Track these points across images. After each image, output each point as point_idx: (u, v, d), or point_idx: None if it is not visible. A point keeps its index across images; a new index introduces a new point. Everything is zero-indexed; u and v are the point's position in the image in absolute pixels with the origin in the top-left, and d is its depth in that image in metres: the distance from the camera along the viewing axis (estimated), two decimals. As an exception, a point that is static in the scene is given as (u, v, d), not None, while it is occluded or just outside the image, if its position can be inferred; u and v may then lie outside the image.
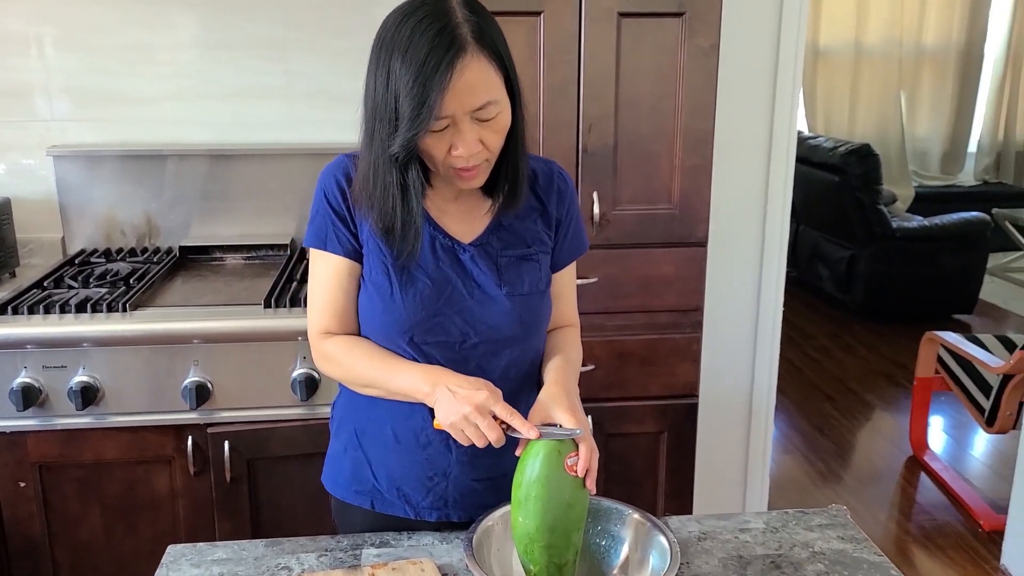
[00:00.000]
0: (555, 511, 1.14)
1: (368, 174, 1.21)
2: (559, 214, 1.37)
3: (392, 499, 1.37)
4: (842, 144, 5.21)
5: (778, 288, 2.58)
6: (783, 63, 2.45)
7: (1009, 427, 3.08)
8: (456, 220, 1.31)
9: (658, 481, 2.19)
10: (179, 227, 2.41)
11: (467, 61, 1.11)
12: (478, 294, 1.29)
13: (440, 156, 1.18)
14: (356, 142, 2.54)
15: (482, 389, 1.16)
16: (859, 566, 1.28)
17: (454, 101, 1.12)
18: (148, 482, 1.96)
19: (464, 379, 1.20)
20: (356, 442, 1.38)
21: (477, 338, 1.29)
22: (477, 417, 1.14)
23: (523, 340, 1.33)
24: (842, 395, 4.20)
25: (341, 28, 2.39)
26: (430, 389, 1.20)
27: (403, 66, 1.11)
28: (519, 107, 1.22)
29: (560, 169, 1.40)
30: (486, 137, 1.17)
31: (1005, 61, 6.80)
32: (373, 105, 1.17)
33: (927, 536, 3.01)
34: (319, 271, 1.32)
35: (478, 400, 1.14)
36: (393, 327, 1.27)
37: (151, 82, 2.38)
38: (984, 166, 7.02)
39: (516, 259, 1.32)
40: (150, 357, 1.88)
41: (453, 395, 1.16)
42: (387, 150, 1.16)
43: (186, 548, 1.32)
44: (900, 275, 5.12)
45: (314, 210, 1.31)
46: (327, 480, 1.45)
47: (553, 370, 1.32)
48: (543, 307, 1.35)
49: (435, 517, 1.35)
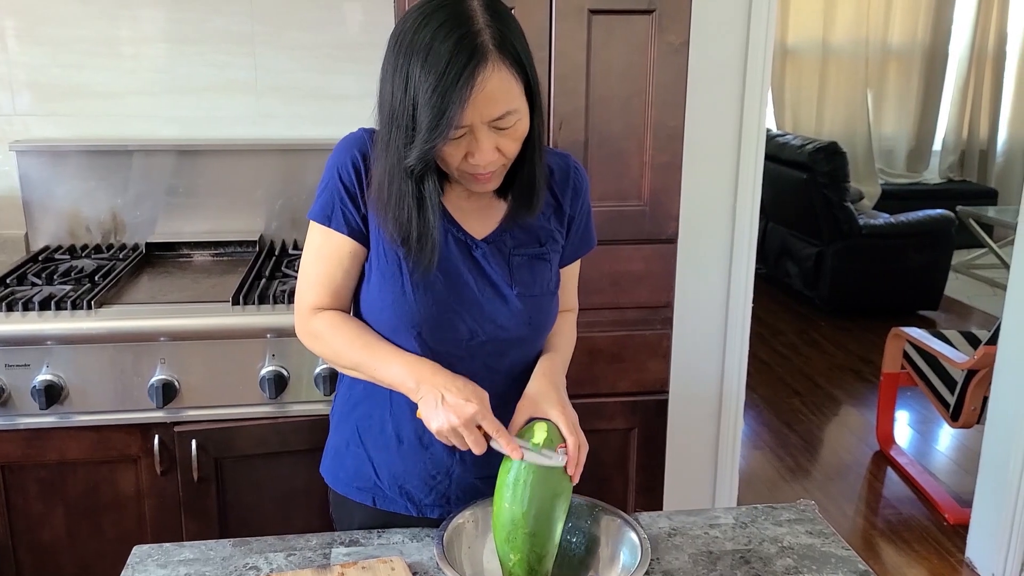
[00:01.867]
0: (543, 499, 1.14)
1: (384, 181, 1.18)
2: (572, 211, 1.36)
3: (394, 497, 1.36)
4: (810, 142, 5.27)
5: (748, 285, 2.60)
6: (752, 61, 2.46)
7: (973, 422, 3.13)
8: (471, 215, 1.29)
9: (628, 477, 2.20)
10: (145, 223, 2.38)
11: (488, 72, 1.08)
12: (489, 292, 1.27)
13: (455, 162, 1.16)
14: (326, 138, 2.53)
15: (471, 400, 1.14)
16: (827, 560, 1.29)
17: (473, 112, 1.09)
18: (113, 482, 1.93)
19: (452, 381, 1.17)
20: (358, 439, 1.37)
21: (485, 336, 1.28)
22: (464, 430, 1.13)
23: (531, 340, 1.33)
24: (810, 391, 4.25)
25: (310, 23, 2.37)
26: (415, 386, 1.19)
27: (422, 73, 1.08)
28: (538, 113, 1.19)
29: (576, 164, 1.38)
30: (503, 145, 1.15)
31: (969, 61, 6.91)
32: (390, 110, 1.13)
33: (893, 530, 3.05)
34: (318, 244, 1.28)
35: (467, 414, 1.13)
36: (402, 321, 1.25)
37: (117, 76, 2.34)
38: (949, 164, 7.12)
39: (528, 258, 1.30)
40: (116, 355, 1.86)
41: (441, 400, 1.14)
42: (403, 160, 1.13)
43: (152, 548, 1.30)
44: (867, 272, 5.18)
45: (323, 183, 1.27)
46: (327, 473, 1.44)
47: (543, 363, 1.32)
48: (552, 308, 1.34)
49: (437, 514, 1.34)
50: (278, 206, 2.41)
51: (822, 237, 5.22)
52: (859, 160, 6.53)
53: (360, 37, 2.40)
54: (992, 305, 5.49)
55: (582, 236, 1.39)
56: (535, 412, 1.22)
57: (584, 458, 1.19)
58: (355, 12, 2.39)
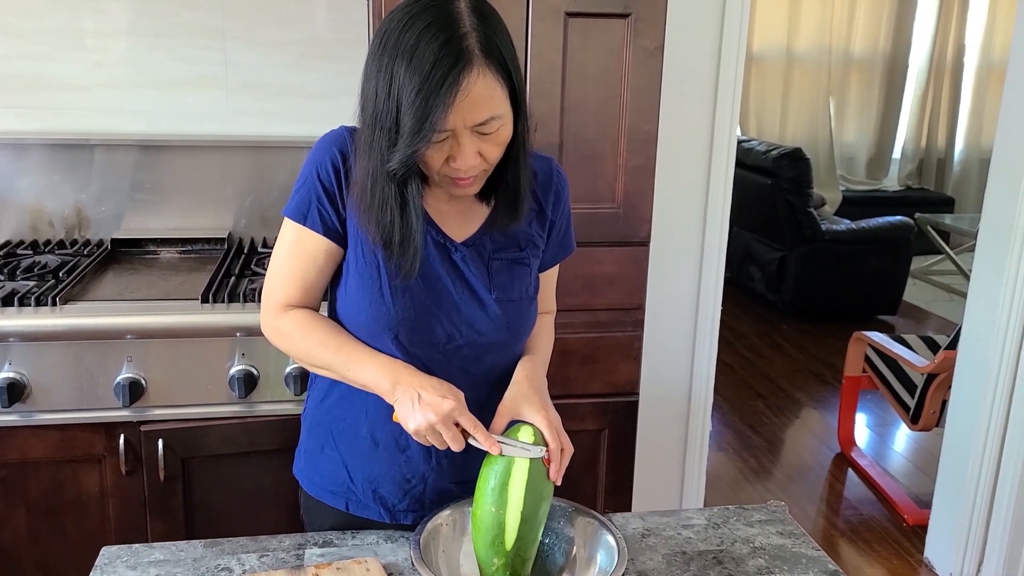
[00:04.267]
0: (532, 502, 1.14)
1: (366, 183, 1.17)
2: (554, 216, 1.35)
3: (367, 502, 1.34)
4: (774, 148, 5.33)
5: (716, 288, 2.63)
6: (724, 66, 2.49)
7: (932, 425, 3.19)
8: (451, 218, 1.28)
9: (598, 478, 2.21)
10: (111, 219, 2.33)
11: (473, 77, 1.07)
12: (467, 296, 1.27)
13: (436, 166, 1.15)
14: (297, 135, 2.50)
15: (448, 397, 1.14)
16: (798, 561, 1.31)
17: (456, 117, 1.08)
18: (77, 482, 1.89)
19: (427, 381, 1.17)
20: (333, 443, 1.35)
21: (462, 340, 1.27)
22: (442, 427, 1.12)
23: (509, 345, 1.32)
24: (773, 393, 4.30)
25: (282, 18, 2.35)
26: (390, 387, 1.18)
27: (407, 75, 1.06)
28: (523, 118, 1.18)
29: (558, 168, 1.37)
30: (485, 150, 1.14)
31: (928, 72, 7.05)
32: (374, 110, 1.12)
33: (854, 530, 3.10)
34: (291, 241, 1.26)
35: (444, 410, 1.12)
36: (379, 324, 1.24)
37: (82, 69, 2.30)
38: (908, 172, 7.26)
39: (507, 263, 1.30)
40: (80, 353, 1.82)
41: (417, 399, 1.14)
42: (386, 163, 1.12)
43: (121, 549, 1.28)
44: (828, 276, 5.26)
45: (301, 180, 1.25)
46: (302, 475, 1.42)
47: (524, 366, 1.31)
48: (531, 312, 1.34)
49: (411, 520, 1.33)
50: (247, 203, 2.39)
51: (785, 242, 5.29)
52: (821, 167, 6.63)
53: (332, 34, 2.38)
54: (948, 310, 5.61)
55: (561, 241, 1.39)
56: (517, 415, 1.22)
57: (567, 461, 1.19)
58: (327, 9, 2.37)
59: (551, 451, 1.18)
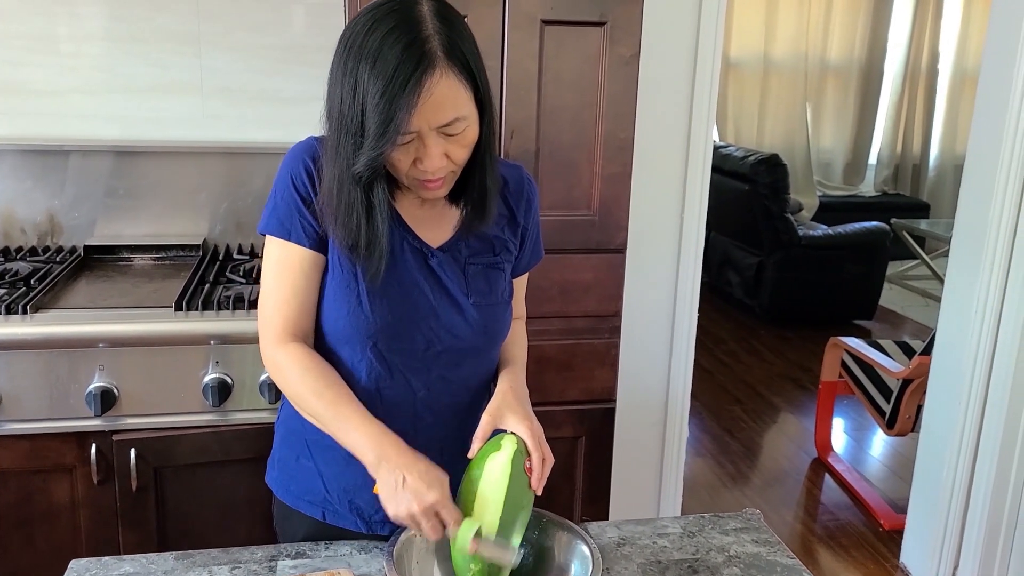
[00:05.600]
0: (512, 510, 1.14)
1: (332, 187, 1.16)
2: (525, 223, 1.36)
3: (344, 512, 1.33)
4: (752, 154, 5.37)
5: (693, 295, 2.64)
6: (700, 74, 2.50)
7: (908, 430, 3.22)
8: (425, 224, 1.28)
9: (575, 486, 2.20)
10: (84, 225, 2.31)
11: (436, 78, 1.07)
12: (445, 301, 1.26)
13: (404, 168, 1.15)
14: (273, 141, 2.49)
15: (433, 487, 1.11)
16: (773, 569, 1.31)
17: (420, 118, 1.08)
18: (47, 492, 1.87)
19: (414, 464, 1.14)
20: (308, 453, 1.34)
21: (441, 347, 1.27)
22: (422, 518, 1.11)
23: (486, 350, 1.32)
24: (750, 399, 4.32)
25: (258, 23, 2.34)
26: (375, 461, 1.15)
27: (371, 78, 1.07)
28: (488, 120, 1.18)
29: (528, 176, 1.38)
30: (452, 151, 1.14)
31: (903, 78, 7.12)
32: (339, 115, 1.12)
33: (831, 535, 3.12)
34: (278, 260, 1.24)
35: (427, 502, 1.10)
36: (358, 332, 1.23)
37: (56, 74, 2.28)
38: (883, 178, 7.32)
39: (483, 267, 1.30)
40: (52, 361, 1.80)
41: (402, 482, 1.11)
42: (351, 166, 1.12)
43: (90, 562, 1.26)
44: (805, 281, 5.30)
45: (277, 195, 1.23)
46: (276, 484, 1.40)
47: (506, 376, 1.31)
48: (506, 317, 1.34)
49: (388, 531, 1.31)
50: (223, 209, 2.37)
51: (763, 247, 5.32)
52: (798, 172, 6.68)
53: (308, 40, 2.37)
54: (924, 315, 5.66)
55: (533, 248, 1.40)
56: (500, 424, 1.22)
57: (548, 472, 1.20)
58: (304, 15, 2.36)
59: (533, 461, 1.18)
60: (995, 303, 2.49)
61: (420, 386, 1.29)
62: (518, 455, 1.16)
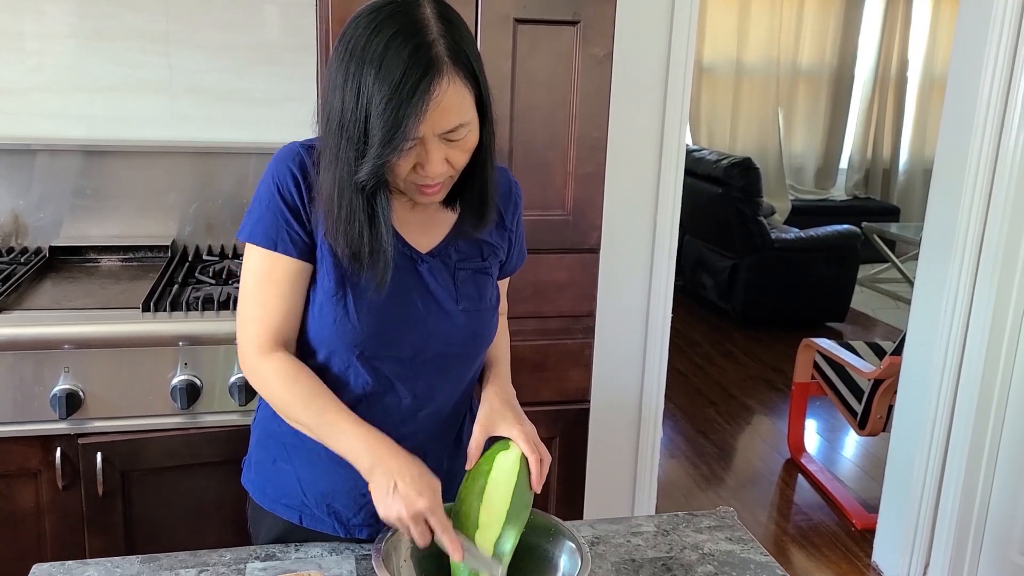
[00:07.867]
0: (519, 504, 1.15)
1: (332, 195, 1.12)
2: (512, 226, 1.35)
3: (321, 516, 1.31)
4: (725, 157, 5.40)
5: (667, 296, 2.64)
6: (673, 76, 2.50)
7: (879, 430, 3.24)
8: (414, 228, 1.25)
9: (550, 487, 2.19)
10: (49, 226, 2.27)
11: (444, 85, 1.05)
12: (434, 308, 1.24)
13: (403, 173, 1.12)
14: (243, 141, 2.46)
15: (424, 494, 1.10)
16: (747, 566, 1.31)
17: (426, 125, 1.06)
18: (10, 497, 1.83)
19: (407, 469, 1.13)
20: (286, 455, 1.32)
21: (429, 354, 1.25)
22: (411, 522, 1.10)
23: (473, 356, 1.31)
24: (724, 400, 4.33)
25: (228, 23, 2.31)
26: (369, 467, 1.14)
27: (376, 84, 1.04)
28: (488, 124, 1.16)
29: (514, 179, 1.37)
30: (452, 156, 1.12)
31: (873, 84, 7.20)
32: (340, 120, 1.08)
33: (804, 535, 3.13)
34: (263, 271, 1.20)
35: (416, 508, 1.09)
36: (344, 341, 1.20)
37: (21, 72, 2.24)
38: (854, 182, 7.40)
39: (472, 273, 1.28)
40: (15, 363, 1.76)
41: (394, 488, 1.11)
42: (354, 174, 1.09)
43: (53, 567, 1.23)
44: (778, 284, 5.33)
45: (263, 204, 1.19)
46: (253, 486, 1.37)
47: (492, 381, 1.31)
48: (494, 322, 1.32)
49: (366, 535, 1.30)
50: (192, 210, 2.34)
51: (736, 250, 5.36)
52: (771, 176, 6.73)
53: (279, 39, 2.35)
54: (894, 317, 5.72)
55: (519, 250, 1.40)
56: (493, 432, 1.21)
57: (547, 470, 1.20)
58: (274, 14, 2.34)
59: (531, 462, 1.18)
60: (964, 304, 2.52)
61: (407, 393, 1.27)
62: (523, 457, 1.19)
